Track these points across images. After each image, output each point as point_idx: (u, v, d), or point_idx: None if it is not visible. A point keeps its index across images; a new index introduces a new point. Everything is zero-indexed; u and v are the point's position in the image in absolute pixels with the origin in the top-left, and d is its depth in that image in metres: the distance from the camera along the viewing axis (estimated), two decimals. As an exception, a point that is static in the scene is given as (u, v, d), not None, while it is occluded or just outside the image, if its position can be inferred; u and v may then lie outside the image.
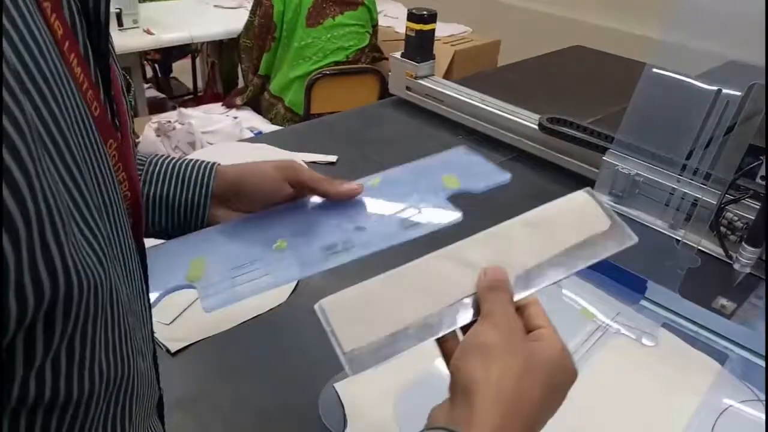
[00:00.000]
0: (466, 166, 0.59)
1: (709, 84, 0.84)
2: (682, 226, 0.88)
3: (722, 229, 0.84)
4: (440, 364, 0.67)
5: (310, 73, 2.03)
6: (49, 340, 0.24)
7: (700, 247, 0.84)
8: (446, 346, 0.42)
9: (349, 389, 0.64)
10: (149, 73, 2.94)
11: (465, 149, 0.62)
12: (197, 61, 2.90)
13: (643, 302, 0.79)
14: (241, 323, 0.74)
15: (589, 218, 0.45)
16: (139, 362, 0.32)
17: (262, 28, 2.02)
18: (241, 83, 2.47)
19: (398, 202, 0.55)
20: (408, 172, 0.59)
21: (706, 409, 0.64)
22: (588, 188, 0.48)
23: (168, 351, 0.69)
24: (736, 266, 0.79)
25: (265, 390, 0.66)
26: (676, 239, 0.87)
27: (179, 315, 0.74)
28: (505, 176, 0.57)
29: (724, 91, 0.82)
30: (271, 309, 0.76)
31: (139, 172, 0.52)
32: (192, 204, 0.54)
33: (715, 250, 0.85)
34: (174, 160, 0.54)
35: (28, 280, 0.22)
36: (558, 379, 0.39)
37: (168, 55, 2.74)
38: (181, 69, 2.98)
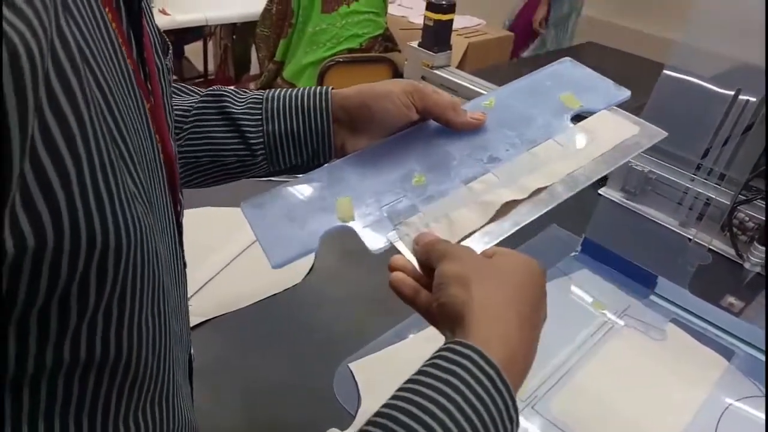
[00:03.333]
0: (579, 83, 0.56)
1: (726, 85, 0.85)
2: (693, 225, 0.89)
3: (734, 228, 0.85)
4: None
5: (323, 60, 2.03)
6: (100, 293, 0.24)
7: (711, 246, 0.85)
8: (419, 304, 0.42)
9: (363, 368, 0.66)
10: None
11: (571, 62, 0.59)
12: (209, 44, 2.90)
13: (653, 297, 0.80)
14: (258, 301, 0.75)
15: (619, 127, 0.51)
16: (173, 324, 0.32)
17: (280, 15, 2.03)
18: (253, 68, 2.48)
19: (522, 128, 0.53)
20: (521, 92, 0.57)
21: (712, 403, 0.65)
22: (612, 106, 0.53)
23: (186, 325, 0.70)
24: (746, 265, 0.81)
25: (281, 367, 0.67)
26: (688, 237, 0.88)
27: (198, 291, 0.75)
28: (624, 93, 0.55)
29: (742, 93, 0.83)
30: (286, 288, 0.77)
31: (259, 110, 0.52)
32: (316, 132, 0.52)
33: (726, 249, 0.86)
34: (289, 92, 0.53)
35: (83, 224, 0.22)
36: (528, 278, 0.40)
37: (181, 37, 2.74)
38: (192, 51, 2.98)
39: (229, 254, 0.82)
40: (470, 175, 0.50)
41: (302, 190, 0.51)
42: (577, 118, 0.54)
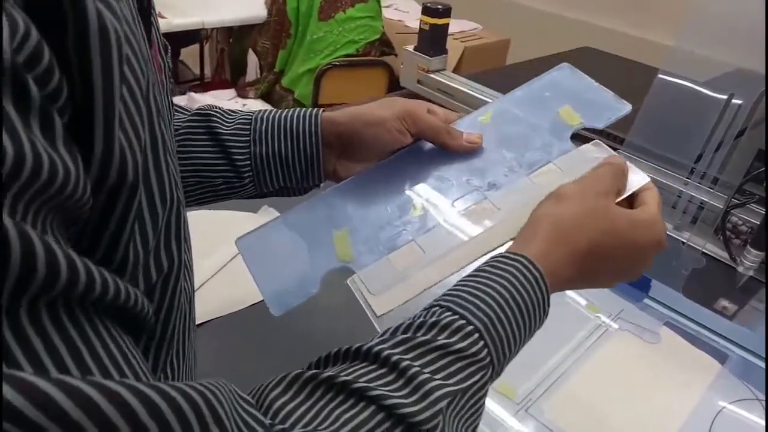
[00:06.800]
0: (579, 94, 0.54)
1: (719, 90, 0.86)
2: (687, 229, 0.90)
3: (727, 232, 0.85)
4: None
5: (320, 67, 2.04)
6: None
7: (704, 250, 0.86)
8: None
9: (357, 372, 0.66)
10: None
11: (570, 69, 0.57)
12: (206, 47, 2.89)
13: (647, 301, 0.80)
14: (251, 305, 0.75)
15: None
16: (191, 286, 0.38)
17: (277, 26, 2.04)
18: (250, 72, 2.48)
19: (521, 149, 0.51)
20: (518, 105, 0.54)
21: (705, 406, 0.65)
22: (596, 140, 0.51)
23: (180, 328, 0.70)
24: (740, 269, 0.81)
25: (273, 371, 0.66)
26: (682, 241, 0.88)
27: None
28: (626, 107, 0.53)
29: (734, 98, 0.83)
30: (281, 292, 0.77)
31: (247, 131, 0.51)
32: (305, 156, 0.51)
33: (719, 253, 0.87)
34: (278, 114, 0.53)
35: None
36: (633, 235, 0.42)
37: (177, 41, 2.74)
38: (189, 55, 2.98)
39: (222, 257, 0.82)
40: (469, 204, 0.48)
41: (298, 223, 0.49)
42: (577, 136, 0.52)
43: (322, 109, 0.53)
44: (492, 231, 0.46)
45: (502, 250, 0.43)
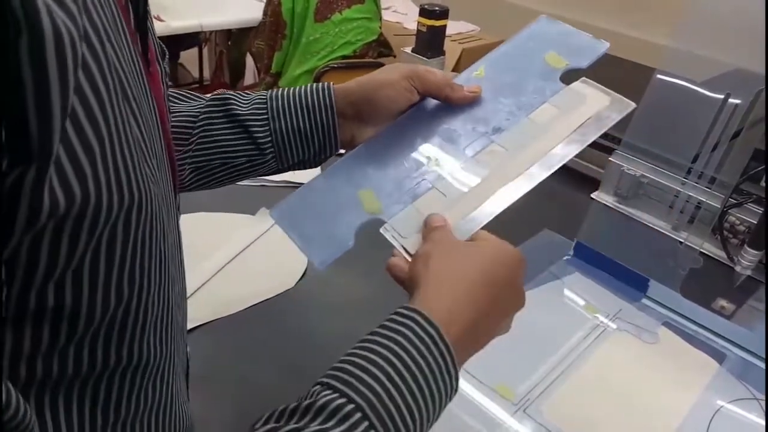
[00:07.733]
0: (560, 40, 0.57)
1: (716, 90, 0.86)
2: (685, 228, 0.90)
3: (724, 232, 0.85)
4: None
5: (317, 68, 2.04)
6: (125, 244, 0.28)
7: (702, 250, 0.86)
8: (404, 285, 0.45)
9: (355, 374, 0.66)
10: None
11: (547, 19, 0.60)
12: (204, 50, 2.90)
13: (645, 300, 0.80)
14: (250, 306, 0.75)
15: (590, 100, 0.52)
16: (174, 294, 0.35)
17: (272, 27, 2.04)
18: (248, 75, 2.48)
19: (517, 95, 0.54)
20: (507, 58, 0.58)
21: (703, 405, 0.65)
22: (583, 78, 0.53)
23: (178, 330, 0.70)
24: (737, 269, 0.81)
25: (273, 371, 0.67)
26: (679, 241, 0.88)
27: (190, 295, 0.75)
28: (604, 45, 0.56)
29: (731, 98, 0.84)
30: (278, 294, 0.77)
31: (264, 109, 0.54)
32: (322, 128, 0.54)
33: (717, 252, 0.87)
34: (292, 90, 0.55)
35: (105, 190, 0.25)
36: (499, 267, 0.41)
37: (176, 43, 2.74)
38: (188, 57, 2.98)
39: (221, 259, 0.82)
40: (479, 149, 0.52)
41: (324, 189, 0.53)
42: (565, 77, 0.55)
43: (331, 82, 0.55)
44: (505, 168, 0.49)
45: (518, 188, 0.47)
